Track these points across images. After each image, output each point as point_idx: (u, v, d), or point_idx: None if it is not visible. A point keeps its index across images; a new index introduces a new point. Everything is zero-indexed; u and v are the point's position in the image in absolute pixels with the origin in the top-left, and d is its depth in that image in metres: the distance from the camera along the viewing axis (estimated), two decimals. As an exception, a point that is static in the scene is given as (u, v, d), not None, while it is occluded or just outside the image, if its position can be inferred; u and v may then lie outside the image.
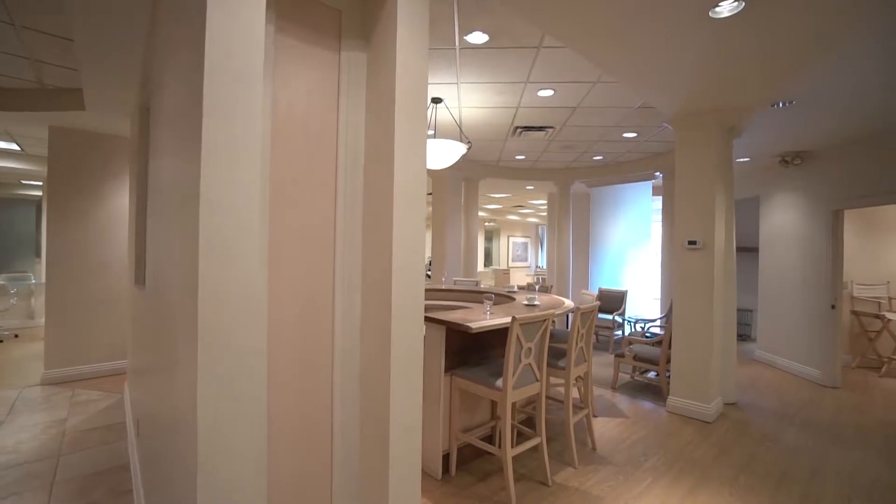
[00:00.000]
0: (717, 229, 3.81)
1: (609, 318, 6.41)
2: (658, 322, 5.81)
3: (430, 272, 8.09)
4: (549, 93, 3.95)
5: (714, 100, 3.53)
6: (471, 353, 2.98)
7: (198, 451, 0.97)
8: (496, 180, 7.73)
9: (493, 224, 16.84)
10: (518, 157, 6.62)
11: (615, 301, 6.60)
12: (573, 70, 3.48)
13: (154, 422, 1.83)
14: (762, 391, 4.68)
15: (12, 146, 5.60)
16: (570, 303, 3.68)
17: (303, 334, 1.38)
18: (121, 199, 4.77)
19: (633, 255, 7.60)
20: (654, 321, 5.86)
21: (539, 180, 7.72)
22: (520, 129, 5.14)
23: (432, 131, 4.84)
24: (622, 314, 6.56)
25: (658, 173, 6.52)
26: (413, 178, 1.41)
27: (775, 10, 2.27)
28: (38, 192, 7.92)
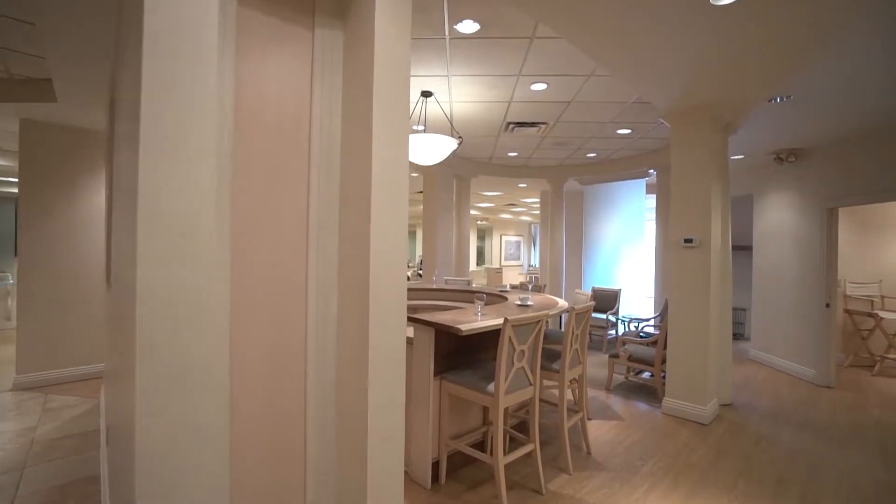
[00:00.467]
0: (713, 227, 3.73)
1: (602, 317, 6.33)
2: (652, 321, 5.73)
3: (421, 271, 7.96)
4: (543, 86, 3.84)
5: (711, 94, 3.44)
6: (461, 355, 2.86)
7: (135, 472, 0.84)
8: (488, 178, 7.62)
9: (485, 223, 16.76)
10: (511, 153, 6.51)
11: (609, 300, 6.52)
12: (567, 63, 3.37)
13: (116, 432, 1.69)
14: (757, 391, 4.62)
15: (-15, 141, 5.37)
16: (563, 303, 3.58)
17: (272, 342, 1.25)
18: (97, 195, 4.58)
19: (627, 254, 7.53)
20: (647, 320, 5.79)
21: (532, 178, 7.62)
22: (512, 125, 5.03)
23: (422, 126, 4.71)
24: (616, 313, 6.48)
25: (652, 170, 6.45)
26: (393, 172, 1.28)
27: (778, -3, 2.18)
28: (16, 190, 7.67)
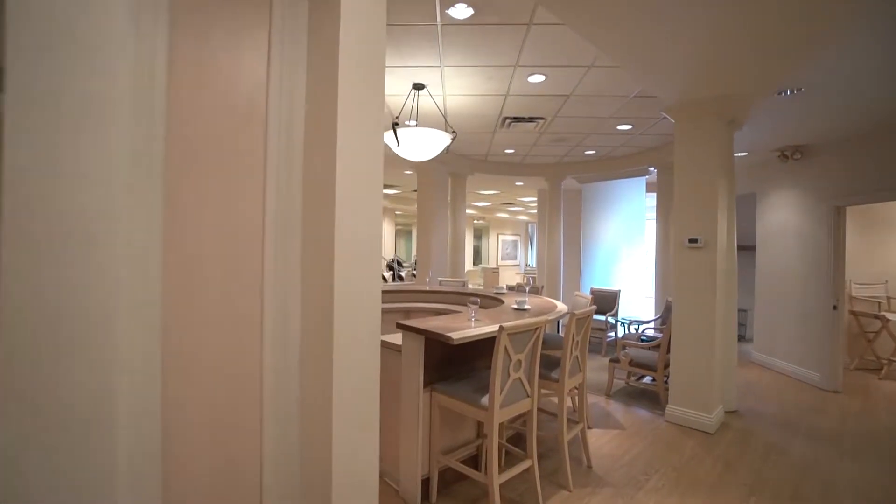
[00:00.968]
0: (719, 227, 3.56)
1: (602, 319, 6.15)
2: (653, 324, 5.56)
3: (415, 272, 7.77)
4: (540, 78, 3.65)
5: (718, 86, 3.26)
6: (454, 364, 2.67)
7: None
8: (484, 176, 7.44)
9: (482, 222, 16.58)
10: (507, 150, 6.33)
11: (608, 301, 6.35)
12: (566, 52, 3.18)
13: None
14: (762, 396, 4.45)
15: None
16: (562, 306, 3.40)
17: (217, 367, 1.04)
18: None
19: (626, 254, 7.36)
20: (648, 323, 5.62)
21: (529, 176, 7.45)
22: (509, 120, 4.84)
23: (414, 121, 4.52)
24: (615, 315, 6.31)
25: (652, 168, 6.28)
26: (364, 164, 1.09)
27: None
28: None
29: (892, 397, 4.50)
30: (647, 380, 4.49)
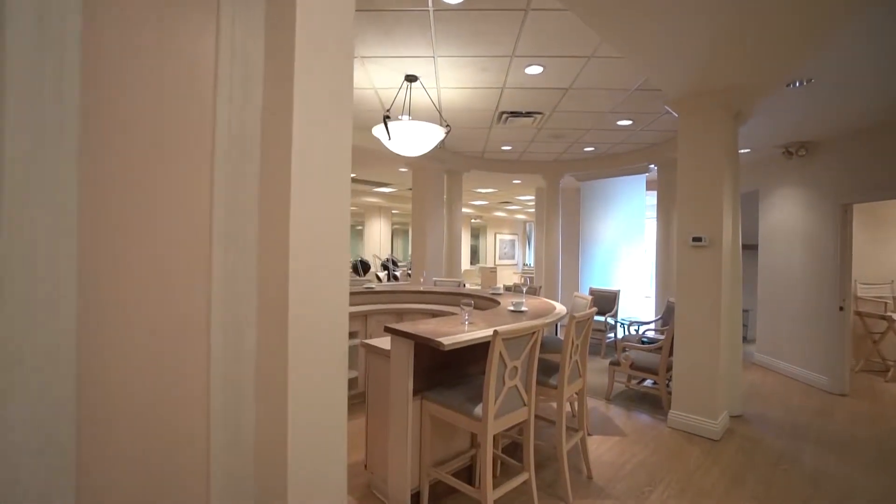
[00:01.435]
0: (724, 225, 3.41)
1: (601, 319, 6.00)
2: (653, 325, 5.42)
3: (410, 271, 7.62)
4: (538, 70, 3.50)
5: (726, 77, 3.11)
6: (446, 370, 2.51)
7: None
8: (481, 173, 7.29)
9: (479, 221, 16.43)
10: (504, 147, 6.17)
11: (607, 302, 6.20)
12: (565, 41, 3.03)
13: None
14: (767, 400, 4.31)
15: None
16: (561, 307, 3.24)
17: (148, 374, 0.89)
18: None
19: (626, 253, 7.21)
20: (648, 324, 5.47)
21: (527, 173, 7.30)
22: (506, 115, 4.69)
23: (406, 115, 4.36)
24: (615, 316, 6.16)
25: (652, 166, 6.13)
26: (324, 156, 0.92)
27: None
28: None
29: (900, 401, 4.36)
30: (648, 383, 4.34)
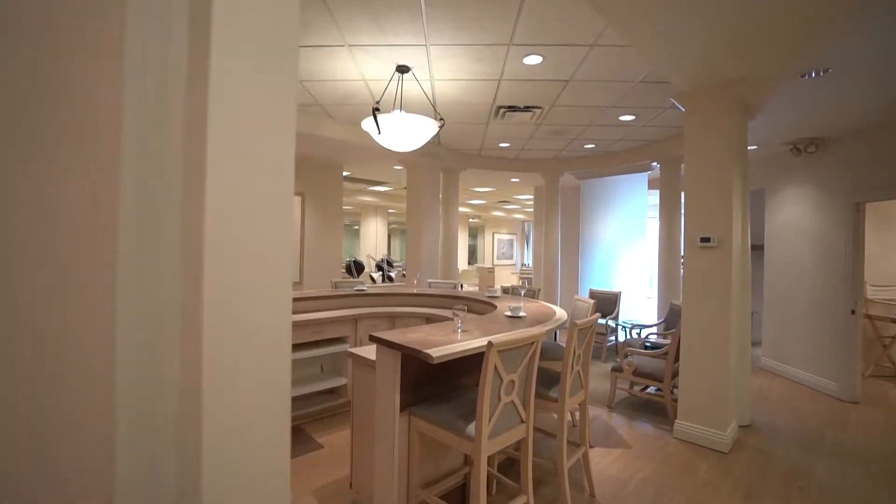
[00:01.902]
0: (734, 225, 3.22)
1: (602, 322, 5.81)
2: (655, 328, 5.23)
3: (405, 272, 7.42)
4: (537, 60, 3.30)
5: (738, 67, 2.92)
6: (437, 381, 2.31)
7: None
8: (478, 171, 7.09)
9: (477, 220, 16.24)
10: (502, 144, 5.98)
11: (608, 304, 6.01)
12: (566, 27, 2.83)
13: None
14: (776, 408, 4.13)
15: None
16: (561, 312, 3.05)
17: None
18: None
19: (626, 254, 7.02)
20: (651, 327, 5.28)
21: (525, 172, 7.10)
22: (503, 110, 4.49)
23: (398, 109, 4.15)
24: (616, 318, 5.97)
25: (655, 163, 5.94)
26: (260, 141, 0.73)
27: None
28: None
29: (914, 408, 4.18)
30: (652, 389, 4.15)
